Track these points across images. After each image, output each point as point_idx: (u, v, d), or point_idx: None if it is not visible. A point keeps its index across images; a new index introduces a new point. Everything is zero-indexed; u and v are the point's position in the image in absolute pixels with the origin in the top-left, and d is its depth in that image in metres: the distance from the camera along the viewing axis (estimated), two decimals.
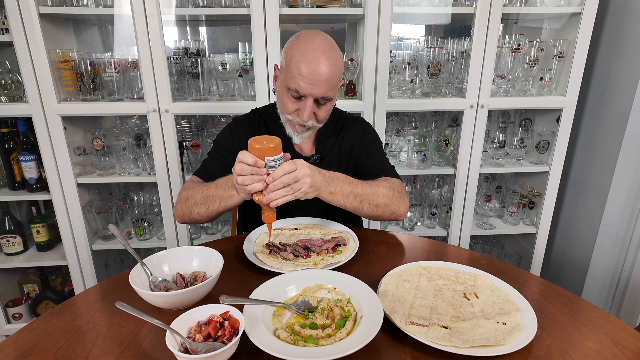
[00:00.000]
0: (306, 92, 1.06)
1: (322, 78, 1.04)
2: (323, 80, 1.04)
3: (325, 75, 1.04)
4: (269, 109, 1.31)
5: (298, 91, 1.06)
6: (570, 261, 2.12)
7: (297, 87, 1.05)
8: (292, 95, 1.09)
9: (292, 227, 1.16)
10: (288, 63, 1.07)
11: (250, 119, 1.30)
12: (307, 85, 1.04)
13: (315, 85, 1.05)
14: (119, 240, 1.01)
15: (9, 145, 1.78)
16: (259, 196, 0.93)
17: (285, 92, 1.10)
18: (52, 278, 2.05)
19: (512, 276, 0.96)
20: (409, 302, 0.83)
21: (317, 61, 1.03)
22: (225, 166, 1.24)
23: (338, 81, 1.10)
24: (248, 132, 1.26)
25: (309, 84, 1.04)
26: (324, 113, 1.13)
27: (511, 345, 0.70)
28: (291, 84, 1.06)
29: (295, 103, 1.10)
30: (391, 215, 1.14)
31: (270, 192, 0.91)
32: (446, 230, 2.00)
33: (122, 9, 1.57)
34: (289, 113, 1.13)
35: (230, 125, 1.30)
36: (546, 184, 1.91)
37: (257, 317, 0.75)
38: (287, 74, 1.07)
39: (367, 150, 1.28)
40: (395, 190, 1.13)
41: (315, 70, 1.03)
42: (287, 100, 1.11)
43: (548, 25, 1.93)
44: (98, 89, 1.73)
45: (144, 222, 1.90)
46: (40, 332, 0.78)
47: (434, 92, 1.83)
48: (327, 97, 1.09)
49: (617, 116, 1.79)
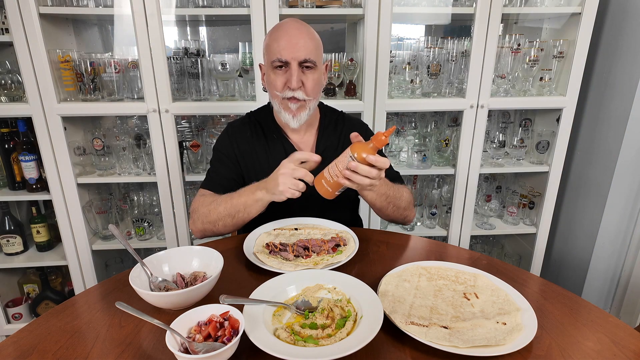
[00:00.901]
0: (288, 57, 1.10)
1: (300, 41, 1.10)
2: (302, 44, 1.10)
3: (303, 40, 1.10)
4: (263, 111, 1.32)
5: (280, 59, 1.10)
6: (570, 261, 2.12)
7: (279, 55, 1.10)
8: (277, 67, 1.12)
9: (292, 227, 1.16)
10: (266, 46, 1.14)
11: (245, 122, 1.30)
12: (287, 51, 1.10)
13: (295, 48, 1.09)
14: (119, 240, 1.01)
15: (9, 145, 1.78)
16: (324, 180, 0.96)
17: (271, 72, 1.14)
18: (52, 278, 2.04)
19: (512, 276, 0.96)
20: (409, 302, 0.83)
21: (292, 31, 1.11)
22: (232, 172, 1.25)
23: (318, 48, 1.15)
24: (245, 136, 1.26)
25: (289, 48, 1.09)
26: (311, 82, 1.14)
27: (511, 345, 0.70)
28: (273, 57, 1.11)
29: (282, 76, 1.13)
30: (404, 219, 1.25)
31: (352, 175, 0.92)
32: (446, 230, 2.00)
33: (122, 9, 1.57)
34: (279, 90, 1.14)
35: (227, 130, 1.29)
36: (546, 184, 1.91)
37: (257, 317, 0.75)
38: (268, 56, 1.14)
39: None
40: (410, 197, 1.24)
41: (291, 36, 1.10)
42: (274, 78, 1.14)
43: (548, 25, 1.93)
44: (98, 89, 1.73)
45: (144, 222, 1.90)
46: (40, 332, 0.78)
47: (434, 92, 1.83)
48: (310, 60, 1.11)
49: (617, 116, 1.79)
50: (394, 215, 1.20)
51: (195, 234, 1.19)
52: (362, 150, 0.90)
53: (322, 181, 0.97)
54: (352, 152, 0.91)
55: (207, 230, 1.16)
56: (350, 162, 0.90)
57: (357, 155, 0.90)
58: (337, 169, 0.93)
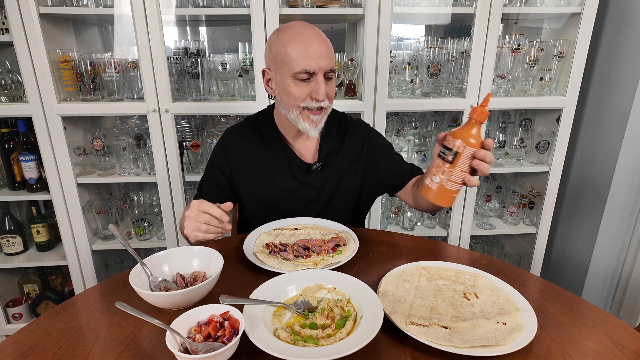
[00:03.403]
0: (315, 67, 1.05)
1: (324, 50, 1.06)
2: (325, 53, 1.06)
3: (325, 48, 1.06)
4: (263, 114, 1.28)
5: (308, 70, 1.05)
6: (570, 261, 2.12)
7: (306, 66, 1.05)
8: (301, 79, 1.07)
9: (292, 227, 1.16)
10: (282, 55, 1.07)
11: (243, 129, 1.27)
12: (314, 61, 1.05)
13: (321, 58, 1.06)
14: (119, 240, 1.01)
15: (9, 145, 1.78)
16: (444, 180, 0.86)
17: (291, 83, 1.08)
18: (52, 278, 2.05)
19: (512, 276, 0.96)
20: (409, 302, 0.82)
21: (312, 38, 1.06)
22: (219, 188, 1.25)
23: (333, 54, 1.12)
24: (242, 144, 1.23)
25: (316, 58, 1.05)
26: (332, 90, 1.13)
27: (511, 345, 0.70)
28: (297, 68, 1.05)
29: (306, 87, 1.08)
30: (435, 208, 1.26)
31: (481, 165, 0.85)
32: (446, 230, 2.00)
33: (122, 9, 1.57)
34: (301, 101, 1.10)
35: (223, 140, 1.27)
36: (546, 184, 1.91)
37: (257, 317, 0.74)
38: (286, 66, 1.07)
39: (386, 152, 1.28)
40: None
41: (314, 45, 1.05)
42: (295, 89, 1.08)
43: (548, 25, 1.93)
44: (98, 89, 1.73)
45: (144, 222, 1.90)
46: (40, 332, 0.78)
47: (434, 92, 1.83)
48: (333, 69, 1.09)
49: (617, 116, 1.79)
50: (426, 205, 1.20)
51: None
52: (474, 137, 0.82)
53: (443, 194, 0.87)
54: (466, 144, 0.82)
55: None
56: (476, 152, 0.83)
57: (475, 143, 0.83)
58: (458, 171, 0.85)
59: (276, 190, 1.22)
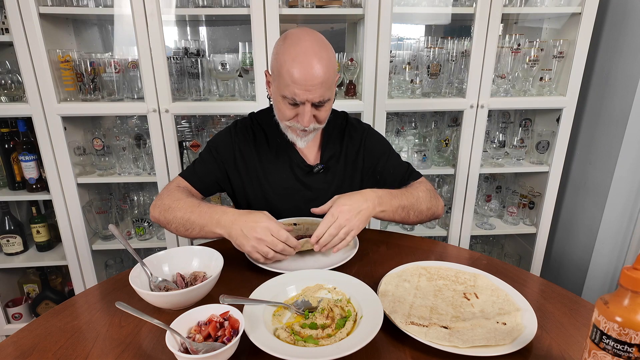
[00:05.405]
0: (302, 98, 1.00)
1: (317, 82, 0.98)
2: (318, 84, 0.99)
3: (320, 79, 0.98)
4: (266, 114, 1.26)
5: (294, 99, 1.01)
6: (570, 261, 2.12)
7: (293, 94, 1.00)
8: (289, 103, 1.03)
9: (291, 222, 1.16)
10: (279, 70, 1.01)
11: (249, 126, 1.24)
12: (302, 92, 0.99)
13: (311, 91, 0.99)
14: (119, 240, 1.01)
15: (9, 145, 1.78)
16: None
17: (281, 100, 1.05)
18: (52, 278, 2.05)
19: (512, 276, 0.96)
20: (409, 302, 0.83)
21: (309, 65, 0.97)
22: (218, 173, 1.20)
23: (333, 80, 1.05)
24: (248, 140, 1.22)
25: (304, 90, 0.99)
26: (324, 114, 1.09)
27: (511, 345, 0.70)
28: (286, 92, 1.01)
29: (292, 109, 1.05)
30: (432, 217, 1.19)
31: (323, 246, 0.96)
32: (446, 230, 2.00)
33: (122, 9, 1.57)
34: (287, 120, 1.08)
35: (231, 129, 1.23)
36: (546, 184, 1.91)
37: (257, 317, 0.75)
38: (279, 82, 1.02)
39: (381, 158, 1.26)
40: (430, 191, 1.18)
41: (308, 74, 0.97)
42: (284, 107, 1.05)
43: (548, 25, 1.93)
44: (98, 89, 1.73)
45: (144, 222, 1.90)
46: (40, 332, 0.78)
47: (434, 92, 1.83)
48: (325, 99, 1.03)
49: (617, 116, 1.79)
50: (419, 219, 1.15)
51: (150, 218, 1.12)
52: None
53: None
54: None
55: (161, 222, 1.09)
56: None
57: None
58: None
59: (277, 189, 1.22)
